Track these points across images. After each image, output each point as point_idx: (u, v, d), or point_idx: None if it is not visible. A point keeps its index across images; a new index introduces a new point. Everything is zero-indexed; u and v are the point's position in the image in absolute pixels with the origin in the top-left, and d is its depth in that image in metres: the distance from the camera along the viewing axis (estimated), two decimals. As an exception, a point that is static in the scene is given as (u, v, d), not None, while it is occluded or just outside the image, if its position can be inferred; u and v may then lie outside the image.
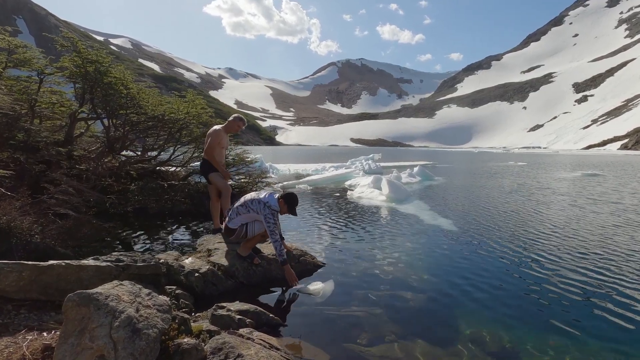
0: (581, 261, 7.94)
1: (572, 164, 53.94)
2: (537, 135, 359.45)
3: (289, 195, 6.69)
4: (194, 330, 4.12)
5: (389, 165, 40.59)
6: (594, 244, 9.30)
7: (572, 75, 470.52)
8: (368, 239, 9.68)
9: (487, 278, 6.95)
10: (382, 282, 6.71)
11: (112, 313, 3.19)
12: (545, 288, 6.45)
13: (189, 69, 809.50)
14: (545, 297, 6.05)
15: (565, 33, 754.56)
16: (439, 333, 4.98)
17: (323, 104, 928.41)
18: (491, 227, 11.18)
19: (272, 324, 4.94)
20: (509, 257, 8.20)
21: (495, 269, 7.45)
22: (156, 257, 5.98)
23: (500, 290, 6.40)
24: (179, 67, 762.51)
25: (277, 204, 6.55)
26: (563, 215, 13.15)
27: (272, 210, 6.43)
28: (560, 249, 8.80)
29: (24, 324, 3.90)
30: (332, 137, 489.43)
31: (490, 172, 35.39)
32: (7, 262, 4.21)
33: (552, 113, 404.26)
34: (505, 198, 17.35)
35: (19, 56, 10.84)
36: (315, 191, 19.65)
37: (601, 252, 8.59)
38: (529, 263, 7.81)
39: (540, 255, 8.37)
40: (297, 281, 6.29)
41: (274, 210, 6.47)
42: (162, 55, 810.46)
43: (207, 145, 8.37)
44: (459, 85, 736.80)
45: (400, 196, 16.08)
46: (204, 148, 8.74)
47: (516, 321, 5.26)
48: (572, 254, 8.45)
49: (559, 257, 8.17)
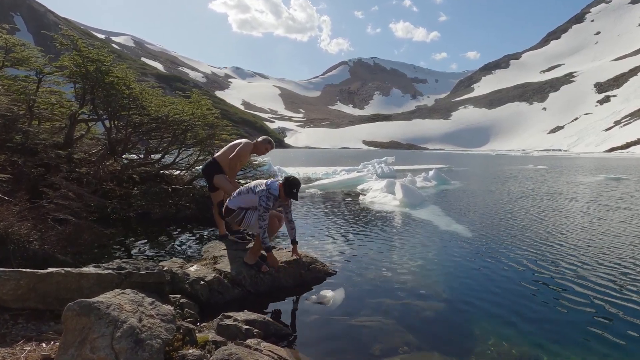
0: (607, 271, 7.84)
1: (595, 167, 53.71)
2: (558, 137, 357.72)
3: (288, 178, 6.66)
4: (199, 340, 4.11)
5: (403, 169, 40.50)
6: (623, 254, 9.16)
7: (594, 75, 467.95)
8: (381, 246, 9.65)
9: (506, 287, 6.90)
10: (396, 290, 6.67)
11: (113, 323, 3.19)
12: (567, 298, 6.38)
13: (194, 68, 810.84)
14: (567, 308, 5.99)
15: (586, 31, 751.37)
16: (456, 344, 4.94)
17: (334, 104, 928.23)
18: (510, 234, 11.10)
19: (280, 334, 4.92)
20: (529, 266, 8.13)
21: (514, 278, 7.39)
22: (160, 265, 5.95)
23: (520, 299, 6.34)
24: (183, 66, 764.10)
25: (277, 187, 6.59)
26: (586, 221, 13.07)
27: (269, 193, 6.46)
28: (584, 258, 8.70)
29: (22, 334, 3.90)
30: (344, 139, 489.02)
31: (509, 176, 35.28)
32: (4, 269, 4.21)
33: (573, 114, 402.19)
34: (524, 203, 17.26)
35: (16, 55, 10.89)
36: (326, 196, 19.64)
37: (631, 263, 8.45)
38: (549, 272, 7.73)
39: (561, 264, 8.28)
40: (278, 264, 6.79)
41: (271, 194, 6.48)
42: (165, 53, 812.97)
43: (235, 154, 8.12)
44: (475, 85, 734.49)
45: (415, 201, 16.03)
46: (219, 152, 8.50)
47: (538, 333, 5.20)
48: (598, 263, 8.35)
49: (582, 267, 8.08)
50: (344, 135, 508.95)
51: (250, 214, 6.70)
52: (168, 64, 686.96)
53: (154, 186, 12.54)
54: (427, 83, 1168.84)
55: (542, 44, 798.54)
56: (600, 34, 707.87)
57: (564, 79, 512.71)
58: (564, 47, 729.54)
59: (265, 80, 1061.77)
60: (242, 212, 6.74)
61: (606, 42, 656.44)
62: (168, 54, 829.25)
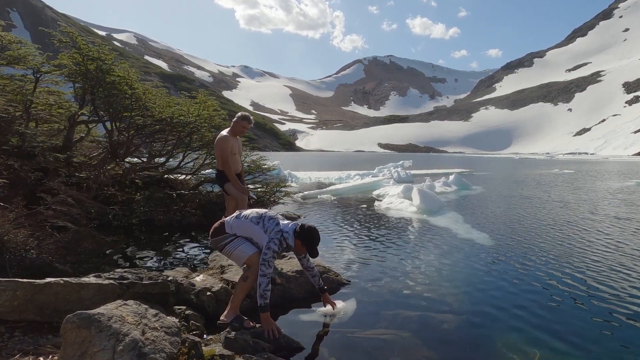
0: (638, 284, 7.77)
1: (624, 171, 53.46)
2: (584, 139, 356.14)
3: (310, 231, 5.59)
4: (205, 355, 4.09)
5: (421, 173, 40.40)
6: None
7: (622, 74, 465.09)
8: (396, 255, 9.63)
9: (529, 299, 6.84)
10: (412, 301, 6.66)
11: (115, 336, 3.18)
12: (592, 312, 6.32)
13: (200, 67, 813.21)
14: (593, 323, 5.92)
15: (614, 27, 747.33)
16: (476, 359, 4.92)
17: (348, 105, 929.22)
18: (534, 244, 10.99)
19: (291, 348, 4.91)
20: (554, 278, 8.03)
21: (538, 290, 7.34)
22: (164, 275, 5.96)
23: (545, 313, 6.28)
24: (189, 65, 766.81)
25: (292, 236, 5.51)
26: (618, 231, 12.92)
27: (282, 239, 5.45)
28: (615, 273, 8.55)
29: (19, 347, 3.90)
30: (358, 142, 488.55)
31: (534, 181, 35.16)
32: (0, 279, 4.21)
33: (600, 115, 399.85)
34: (550, 210, 17.13)
35: (12, 53, 10.93)
36: (340, 202, 19.68)
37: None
38: (575, 284, 7.65)
39: (589, 275, 8.19)
40: (277, 333, 5.08)
41: (285, 240, 5.48)
42: (170, 51, 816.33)
43: (219, 159, 8.23)
44: (497, 84, 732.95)
45: (433, 207, 15.97)
46: (216, 158, 8.62)
47: (564, 349, 5.13)
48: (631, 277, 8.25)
49: (613, 281, 7.96)
50: (358, 137, 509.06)
51: (239, 242, 5.58)
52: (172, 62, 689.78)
53: (158, 191, 12.56)
54: (446, 83, 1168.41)
55: (567, 41, 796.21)
56: (629, 31, 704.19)
57: (590, 78, 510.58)
58: (590, 44, 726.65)
59: (275, 80, 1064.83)
60: (231, 238, 5.62)
61: (635, 40, 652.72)
62: (172, 51, 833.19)
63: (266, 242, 5.36)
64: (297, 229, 5.56)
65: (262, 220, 5.59)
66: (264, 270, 5.20)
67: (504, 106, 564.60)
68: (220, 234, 5.68)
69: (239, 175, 8.43)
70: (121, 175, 12.80)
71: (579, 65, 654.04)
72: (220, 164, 8.19)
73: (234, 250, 5.53)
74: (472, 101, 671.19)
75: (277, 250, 5.39)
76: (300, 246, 5.57)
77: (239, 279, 5.53)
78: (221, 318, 5.33)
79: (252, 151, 15.70)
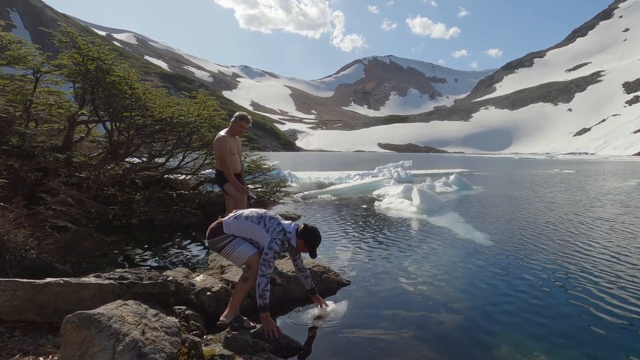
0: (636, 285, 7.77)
1: (624, 171, 53.50)
2: (584, 139, 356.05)
3: (312, 231, 5.66)
4: (205, 355, 4.09)
5: (421, 173, 40.35)
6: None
7: (623, 74, 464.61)
8: (397, 255, 9.64)
9: (529, 300, 6.85)
10: (412, 301, 6.66)
11: (115, 336, 3.17)
12: (593, 313, 6.32)
13: (200, 67, 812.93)
14: (594, 323, 5.92)
15: (614, 27, 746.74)
16: (476, 359, 4.93)
17: (348, 105, 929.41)
18: (535, 244, 10.99)
19: (291, 348, 4.92)
20: (554, 278, 8.06)
21: (537, 290, 7.35)
22: (164, 275, 5.96)
23: (545, 312, 6.30)
24: (188, 65, 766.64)
25: (295, 236, 5.58)
26: (619, 231, 12.93)
27: (285, 239, 5.51)
28: (615, 272, 8.57)
29: (19, 347, 3.89)
30: (358, 142, 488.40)
31: (534, 181, 35.18)
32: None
33: (600, 115, 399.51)
34: (550, 211, 17.14)
35: (12, 53, 10.92)
36: (340, 201, 19.68)
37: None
38: (575, 285, 7.65)
39: (591, 276, 8.21)
40: (277, 333, 5.11)
41: (286, 241, 5.55)
42: (170, 51, 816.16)
43: (217, 159, 8.25)
44: (497, 84, 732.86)
45: (433, 207, 15.98)
46: (215, 158, 8.63)
47: (564, 348, 5.14)
48: (631, 276, 8.27)
49: (613, 281, 7.97)
50: (358, 137, 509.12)
51: (238, 243, 5.53)
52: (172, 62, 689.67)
53: (158, 191, 12.56)
54: (446, 82, 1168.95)
55: (567, 41, 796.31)
56: (629, 31, 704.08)
57: (590, 78, 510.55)
58: (590, 44, 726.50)
59: (275, 80, 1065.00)
60: (230, 239, 5.55)
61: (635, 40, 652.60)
62: (172, 51, 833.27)
63: (268, 242, 5.38)
64: (299, 229, 5.62)
65: (263, 220, 5.59)
66: (263, 271, 5.23)
67: (504, 106, 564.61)
68: (218, 234, 5.61)
69: (238, 176, 8.43)
70: (121, 175, 12.80)
71: (579, 65, 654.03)
72: (219, 164, 8.20)
73: (233, 252, 5.49)
74: (472, 101, 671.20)
75: (278, 251, 5.42)
76: (302, 246, 5.62)
77: (239, 280, 5.52)
78: (221, 318, 5.33)
79: (252, 151, 15.70)
